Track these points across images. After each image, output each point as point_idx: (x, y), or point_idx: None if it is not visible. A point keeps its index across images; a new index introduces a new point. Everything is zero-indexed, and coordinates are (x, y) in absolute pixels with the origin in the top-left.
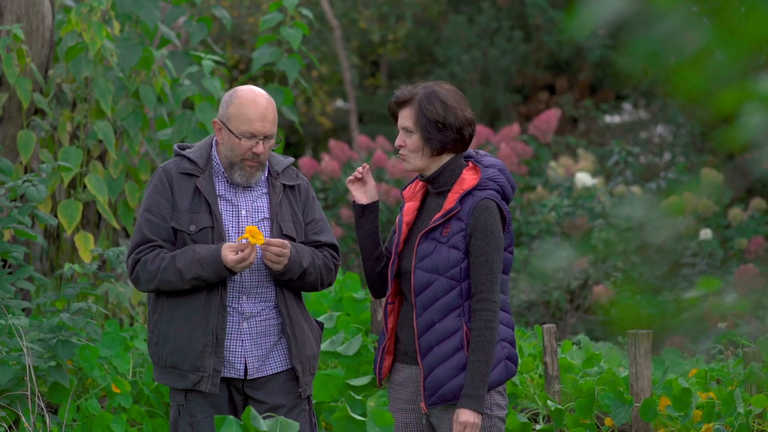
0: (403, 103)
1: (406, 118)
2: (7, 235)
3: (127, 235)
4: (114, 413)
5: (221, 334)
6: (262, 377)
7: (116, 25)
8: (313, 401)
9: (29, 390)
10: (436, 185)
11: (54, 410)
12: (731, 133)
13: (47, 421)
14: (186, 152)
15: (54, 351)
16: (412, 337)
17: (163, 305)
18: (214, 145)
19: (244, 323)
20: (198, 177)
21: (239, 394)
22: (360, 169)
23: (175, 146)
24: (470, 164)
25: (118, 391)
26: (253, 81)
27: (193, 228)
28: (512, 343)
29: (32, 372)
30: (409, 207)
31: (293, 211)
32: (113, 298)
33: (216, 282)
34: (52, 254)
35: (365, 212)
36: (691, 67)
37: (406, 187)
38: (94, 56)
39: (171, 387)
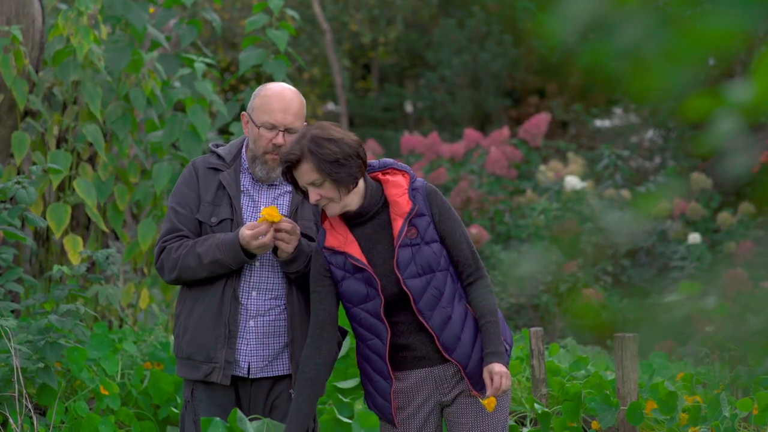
0: (296, 163)
1: (306, 173)
2: None
3: (117, 237)
4: (102, 415)
5: (234, 326)
6: (266, 379)
7: (103, 29)
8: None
9: (17, 392)
10: (368, 211)
11: (42, 412)
12: (703, 139)
13: (35, 422)
14: (217, 149)
15: (42, 353)
16: (428, 340)
17: (186, 298)
18: (245, 144)
19: (250, 321)
20: (222, 172)
21: (246, 394)
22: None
23: (210, 144)
24: (379, 174)
25: (107, 393)
26: (243, 83)
27: (214, 219)
28: None
29: (20, 374)
30: (355, 250)
31: (316, 212)
32: (103, 300)
33: (233, 270)
34: (41, 256)
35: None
36: (647, 72)
37: (323, 241)
38: (82, 60)
39: (186, 380)
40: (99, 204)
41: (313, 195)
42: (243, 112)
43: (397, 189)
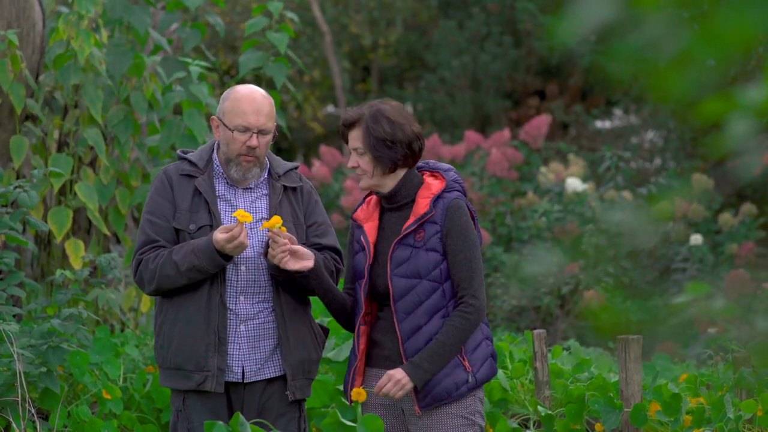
0: (351, 125)
1: (355, 139)
2: None
3: (118, 241)
4: (105, 419)
5: (223, 333)
6: (259, 381)
7: (104, 33)
8: (305, 406)
9: (20, 396)
10: (395, 200)
11: (45, 416)
12: (717, 141)
13: (38, 427)
14: (187, 155)
15: (45, 357)
16: (396, 342)
17: (167, 307)
18: (215, 148)
19: (241, 326)
20: (197, 178)
21: (239, 399)
22: (285, 245)
23: (178, 151)
24: (426, 173)
25: (109, 397)
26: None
27: (192, 227)
28: (492, 341)
29: (23, 378)
30: (370, 227)
31: (294, 213)
32: (104, 304)
33: (213, 273)
34: (43, 260)
35: (315, 274)
36: (671, 72)
37: (356, 210)
38: (83, 64)
39: (174, 389)
40: (101, 207)
41: (352, 160)
42: (212, 117)
43: (427, 191)
